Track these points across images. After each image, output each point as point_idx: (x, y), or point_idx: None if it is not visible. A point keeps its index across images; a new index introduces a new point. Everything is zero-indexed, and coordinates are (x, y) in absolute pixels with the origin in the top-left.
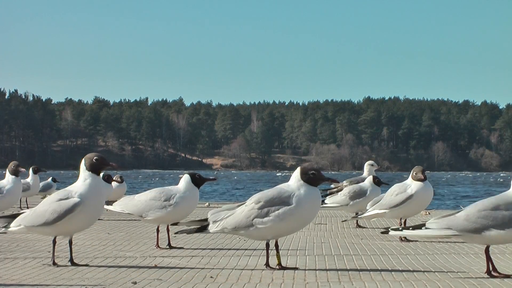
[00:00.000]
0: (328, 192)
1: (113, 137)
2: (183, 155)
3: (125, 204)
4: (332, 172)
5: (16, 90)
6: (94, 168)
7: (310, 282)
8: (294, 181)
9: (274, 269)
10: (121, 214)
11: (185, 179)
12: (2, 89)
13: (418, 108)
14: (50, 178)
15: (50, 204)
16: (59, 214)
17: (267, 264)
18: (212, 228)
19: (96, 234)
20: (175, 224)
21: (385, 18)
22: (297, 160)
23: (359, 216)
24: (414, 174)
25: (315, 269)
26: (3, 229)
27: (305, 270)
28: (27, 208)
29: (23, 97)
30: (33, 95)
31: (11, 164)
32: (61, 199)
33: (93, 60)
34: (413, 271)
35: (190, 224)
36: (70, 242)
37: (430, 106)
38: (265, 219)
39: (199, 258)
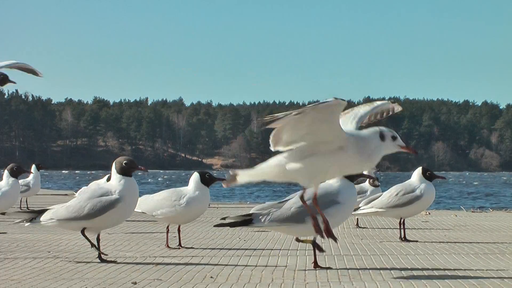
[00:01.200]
0: None
1: (113, 137)
2: (183, 155)
3: (139, 203)
4: None
5: (16, 90)
6: (124, 172)
7: (310, 282)
8: (337, 178)
9: (323, 268)
10: None
11: (194, 178)
12: (2, 89)
13: (418, 108)
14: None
15: (88, 199)
16: (100, 209)
17: (315, 263)
18: (257, 222)
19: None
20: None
21: (385, 18)
22: None
23: (353, 213)
24: (427, 174)
25: (315, 269)
26: (29, 223)
27: (305, 270)
28: (27, 208)
29: (23, 97)
30: (33, 95)
31: (11, 166)
32: (102, 195)
33: (93, 60)
34: (413, 271)
35: (235, 219)
36: (98, 238)
37: (430, 106)
38: None
39: (199, 258)
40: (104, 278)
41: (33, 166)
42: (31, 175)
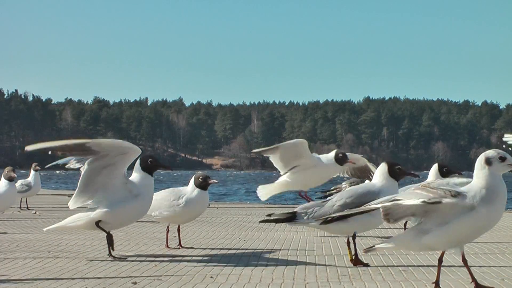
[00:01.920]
0: (327, 193)
1: (113, 137)
2: (183, 155)
3: None
4: None
5: (16, 90)
6: (148, 169)
7: (310, 282)
8: (380, 177)
9: (363, 264)
10: None
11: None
12: (2, 89)
13: (418, 108)
14: None
15: (107, 193)
16: (118, 201)
17: (354, 260)
18: (301, 219)
19: (96, 234)
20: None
21: (385, 18)
22: None
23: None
24: (444, 170)
25: (315, 269)
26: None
27: (305, 270)
28: (27, 209)
29: (23, 97)
30: (33, 95)
31: (6, 170)
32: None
33: (93, 60)
34: (413, 271)
35: (279, 216)
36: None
37: (430, 106)
38: (358, 214)
39: (199, 258)
40: (104, 278)
41: (31, 168)
42: (31, 175)
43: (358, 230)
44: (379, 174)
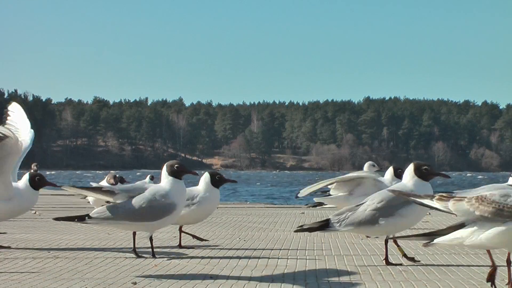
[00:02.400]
0: (327, 194)
1: (113, 137)
2: (183, 155)
3: None
4: (332, 172)
5: (16, 90)
6: (175, 174)
7: (310, 282)
8: (409, 178)
9: (394, 264)
10: None
11: (205, 179)
12: (2, 89)
13: (418, 108)
14: (149, 176)
15: (147, 202)
16: (159, 214)
17: (386, 260)
18: (335, 226)
19: (96, 234)
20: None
21: (385, 18)
22: (297, 160)
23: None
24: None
25: (315, 269)
26: (80, 222)
27: (305, 270)
28: (35, 212)
29: (23, 97)
30: (33, 95)
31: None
32: (159, 198)
33: (93, 60)
34: (413, 271)
35: (312, 225)
36: (151, 239)
37: (430, 106)
38: (390, 217)
39: (199, 258)
40: (104, 278)
41: (32, 167)
42: None
43: (390, 232)
44: (408, 175)
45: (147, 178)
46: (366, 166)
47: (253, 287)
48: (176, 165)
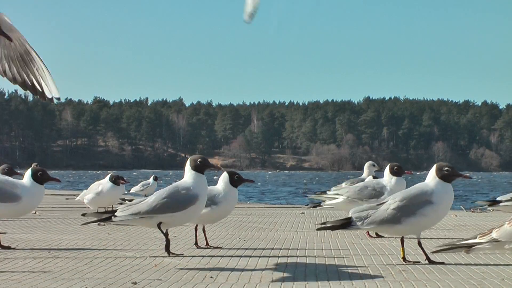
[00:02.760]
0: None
1: (113, 137)
2: (183, 155)
3: None
4: (332, 172)
5: (16, 90)
6: (198, 169)
7: (310, 282)
8: (431, 178)
9: (409, 262)
10: None
11: (223, 178)
12: (2, 89)
13: (418, 108)
14: (152, 176)
15: (169, 195)
16: (181, 205)
17: (404, 258)
18: (357, 224)
19: (96, 234)
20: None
21: (385, 18)
22: (297, 160)
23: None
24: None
25: (315, 269)
26: (105, 223)
27: (305, 270)
28: (35, 212)
29: (23, 97)
30: (33, 95)
31: (3, 167)
32: (181, 191)
33: (93, 60)
34: (413, 271)
35: (334, 223)
36: (167, 233)
37: (430, 106)
38: (411, 216)
39: (199, 258)
40: (104, 278)
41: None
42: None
43: (412, 231)
44: (430, 176)
45: (151, 179)
46: (366, 166)
47: (253, 287)
48: (199, 160)
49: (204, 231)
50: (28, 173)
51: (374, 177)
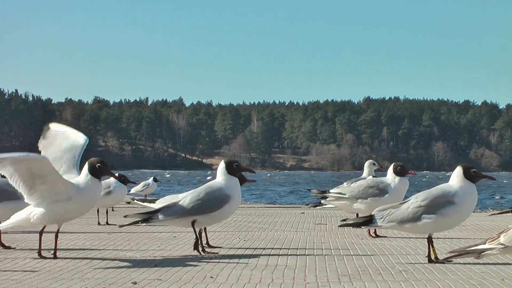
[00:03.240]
0: (327, 193)
1: (113, 137)
2: (183, 155)
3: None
4: (332, 172)
5: (16, 90)
6: (232, 172)
7: (310, 282)
8: (456, 179)
9: (438, 262)
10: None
11: (220, 168)
12: (2, 89)
13: (418, 108)
14: (152, 177)
15: (205, 195)
16: (216, 205)
17: (429, 257)
18: (378, 222)
19: (96, 234)
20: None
21: (385, 18)
22: (297, 160)
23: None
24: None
25: (315, 269)
26: (144, 224)
27: (305, 270)
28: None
29: (23, 97)
30: (33, 95)
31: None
32: (215, 191)
33: (93, 60)
34: (413, 271)
35: (356, 220)
36: (204, 230)
37: (430, 106)
38: (432, 215)
39: (199, 258)
40: (104, 278)
41: None
42: None
43: (432, 230)
44: (455, 176)
45: (151, 180)
46: (366, 165)
47: (253, 287)
48: (235, 164)
49: (205, 230)
50: (85, 166)
51: (374, 177)
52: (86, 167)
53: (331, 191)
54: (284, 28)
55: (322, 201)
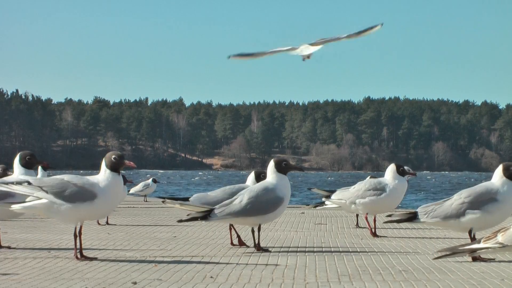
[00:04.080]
0: (330, 193)
1: (113, 137)
2: (183, 155)
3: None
4: (332, 172)
5: (16, 90)
6: (282, 171)
7: (310, 282)
8: (498, 178)
9: (485, 260)
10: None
11: (270, 167)
12: (2, 89)
13: (418, 108)
14: (151, 178)
15: (258, 197)
16: (272, 206)
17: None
18: (422, 218)
19: (96, 234)
20: None
21: (385, 18)
22: (297, 160)
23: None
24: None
25: (315, 269)
26: (203, 221)
27: (305, 270)
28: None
29: (23, 97)
30: (33, 95)
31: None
32: (268, 194)
33: (93, 60)
34: (413, 271)
35: (400, 216)
36: (257, 230)
37: (430, 106)
38: (476, 212)
39: (199, 258)
40: (104, 278)
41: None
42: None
43: (475, 227)
44: (496, 174)
45: (150, 180)
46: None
47: (253, 287)
48: (283, 163)
49: (230, 229)
50: (103, 163)
51: (373, 177)
52: (103, 163)
53: (332, 197)
54: (284, 28)
55: (323, 199)
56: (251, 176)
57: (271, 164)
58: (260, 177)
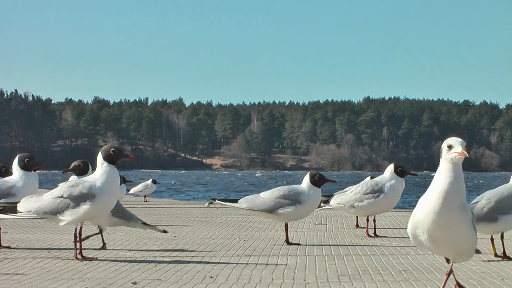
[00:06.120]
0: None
1: (113, 137)
2: (183, 155)
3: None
4: (332, 172)
5: (16, 90)
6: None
7: (310, 282)
8: None
9: (506, 258)
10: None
11: (305, 179)
12: (2, 89)
13: (418, 108)
14: (151, 179)
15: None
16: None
17: (504, 253)
18: None
19: (96, 234)
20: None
21: (385, 18)
22: (297, 160)
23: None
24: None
25: (315, 269)
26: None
27: (305, 270)
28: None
29: (23, 97)
30: (33, 95)
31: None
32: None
33: (93, 60)
34: (413, 271)
35: None
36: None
37: (430, 106)
38: (507, 214)
39: (199, 258)
40: (104, 278)
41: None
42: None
43: (507, 229)
44: None
45: (150, 181)
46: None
47: (253, 287)
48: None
49: (286, 228)
50: (306, 177)
51: (373, 177)
52: (100, 156)
53: (331, 202)
54: (284, 28)
55: (322, 204)
56: (307, 177)
57: (307, 177)
58: (314, 178)
